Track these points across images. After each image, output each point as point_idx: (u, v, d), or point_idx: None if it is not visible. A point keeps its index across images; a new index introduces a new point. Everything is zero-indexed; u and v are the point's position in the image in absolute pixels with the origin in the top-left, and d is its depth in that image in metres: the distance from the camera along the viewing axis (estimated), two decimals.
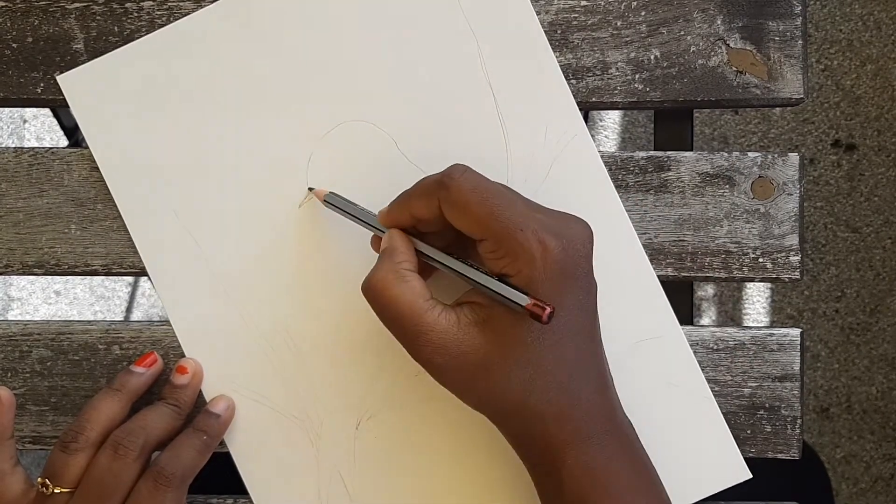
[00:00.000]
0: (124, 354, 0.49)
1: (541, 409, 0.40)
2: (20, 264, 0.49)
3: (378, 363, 0.48)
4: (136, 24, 0.49)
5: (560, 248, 0.39)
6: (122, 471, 0.42)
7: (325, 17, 0.48)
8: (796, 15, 0.49)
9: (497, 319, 0.39)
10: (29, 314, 1.25)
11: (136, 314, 1.26)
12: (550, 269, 0.38)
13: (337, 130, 0.48)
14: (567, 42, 0.49)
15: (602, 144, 1.25)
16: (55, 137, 1.26)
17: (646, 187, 0.49)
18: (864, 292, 1.23)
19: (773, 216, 0.49)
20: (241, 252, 0.48)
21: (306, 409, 0.48)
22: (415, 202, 0.41)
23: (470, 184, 0.39)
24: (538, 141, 0.48)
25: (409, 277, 0.40)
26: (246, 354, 0.48)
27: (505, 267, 0.39)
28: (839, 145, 1.25)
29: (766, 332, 0.49)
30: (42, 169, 0.49)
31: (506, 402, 0.40)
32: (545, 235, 0.38)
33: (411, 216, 0.42)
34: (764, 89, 0.49)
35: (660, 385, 0.48)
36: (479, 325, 0.40)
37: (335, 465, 0.48)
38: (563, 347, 0.40)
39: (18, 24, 0.49)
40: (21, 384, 0.49)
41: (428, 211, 0.41)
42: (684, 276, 0.49)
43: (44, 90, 0.49)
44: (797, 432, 0.48)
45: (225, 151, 0.48)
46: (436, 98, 0.48)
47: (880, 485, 1.22)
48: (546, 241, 0.38)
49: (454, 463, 0.48)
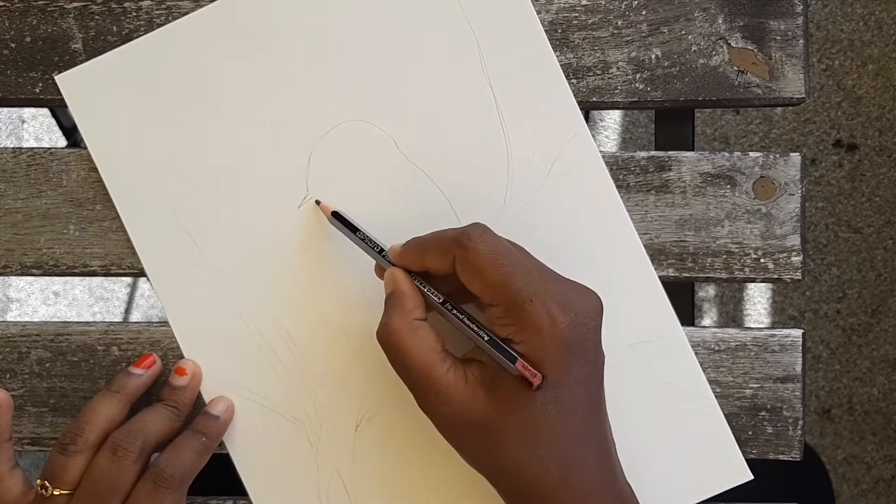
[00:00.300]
0: (123, 356, 0.49)
1: (540, 478, 0.39)
2: (19, 265, 0.49)
3: (378, 364, 0.47)
4: (135, 23, 0.49)
5: (568, 323, 0.39)
6: (121, 472, 0.42)
7: (324, 17, 0.48)
8: (798, 14, 0.49)
9: (502, 383, 0.39)
10: (28, 315, 1.25)
11: (134, 315, 1.25)
12: (557, 343, 0.38)
13: (337, 130, 0.48)
14: (567, 41, 0.49)
15: (603, 144, 1.25)
16: (54, 138, 1.26)
17: (647, 187, 0.49)
18: (866, 293, 1.23)
19: (774, 216, 0.48)
20: (240, 252, 0.48)
21: (306, 409, 0.48)
22: (430, 255, 0.41)
23: (487, 247, 0.40)
24: (538, 141, 0.48)
25: (420, 329, 0.41)
26: (245, 355, 0.48)
27: (511, 334, 0.39)
28: (841, 145, 1.24)
29: (768, 332, 0.49)
30: (40, 169, 0.49)
31: (504, 466, 0.40)
32: (555, 308, 0.39)
33: (423, 266, 0.42)
34: (765, 89, 0.49)
35: (661, 386, 0.48)
36: (485, 387, 0.40)
37: (335, 465, 0.47)
38: (566, 418, 0.39)
39: (17, 24, 0.49)
40: (20, 385, 0.49)
41: (442, 266, 0.41)
42: (685, 277, 0.49)
43: (42, 90, 0.49)
44: (799, 433, 0.48)
45: (224, 151, 0.48)
46: (436, 98, 0.48)
47: (882, 486, 1.22)
48: (555, 314, 0.38)
49: (453, 463, 0.47)
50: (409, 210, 0.48)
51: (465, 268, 0.40)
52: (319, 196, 0.48)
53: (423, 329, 0.41)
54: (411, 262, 0.42)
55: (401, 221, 0.47)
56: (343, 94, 0.48)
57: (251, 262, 0.48)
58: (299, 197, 0.48)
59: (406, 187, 0.48)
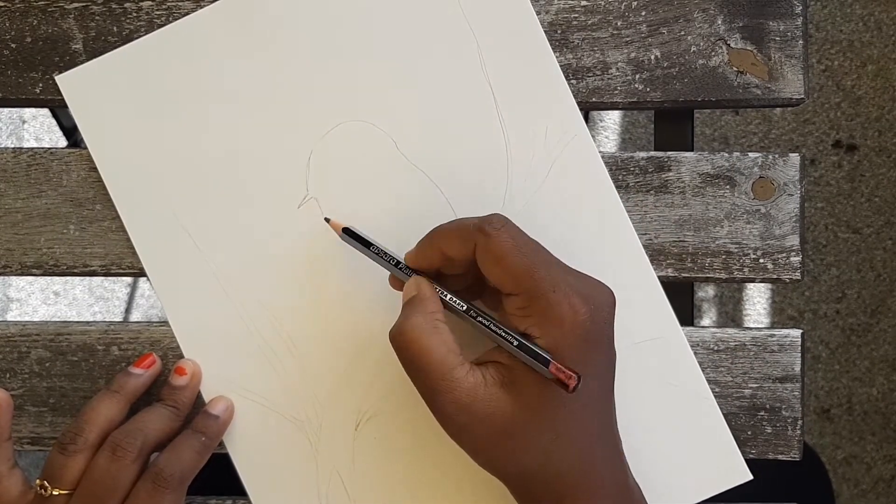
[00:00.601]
0: (123, 355, 0.49)
1: (558, 476, 0.39)
2: (19, 265, 0.49)
3: (378, 364, 0.47)
4: (135, 24, 0.49)
5: (588, 314, 0.38)
6: (120, 472, 0.42)
7: (324, 17, 0.48)
8: (797, 15, 0.49)
9: (522, 382, 0.39)
10: (28, 315, 1.25)
11: (134, 315, 1.25)
12: (577, 335, 0.38)
13: (337, 130, 0.48)
14: (567, 42, 0.49)
15: (602, 145, 1.25)
16: (54, 138, 1.26)
17: (646, 188, 0.49)
18: (865, 293, 1.23)
19: (773, 217, 0.48)
20: (240, 252, 0.48)
21: (305, 410, 0.48)
22: (450, 241, 0.40)
23: (510, 235, 0.39)
24: (538, 141, 0.48)
25: (442, 329, 0.40)
26: (245, 355, 0.48)
27: (531, 326, 0.39)
28: (840, 146, 1.24)
29: (767, 332, 0.49)
30: (41, 169, 0.49)
31: (524, 467, 0.39)
32: (576, 299, 0.38)
33: (442, 255, 0.41)
34: (764, 89, 0.49)
35: (660, 386, 0.48)
36: (504, 387, 0.39)
37: (334, 466, 0.48)
38: (585, 414, 0.39)
39: (17, 25, 0.49)
40: (19, 385, 0.49)
41: (461, 253, 0.40)
42: (685, 277, 0.49)
43: (42, 90, 0.49)
44: (798, 433, 0.48)
45: (224, 152, 0.48)
46: (436, 98, 0.48)
47: (881, 486, 1.22)
48: (576, 305, 0.38)
49: (453, 463, 0.47)
50: (408, 210, 0.48)
51: (487, 256, 0.39)
52: (319, 196, 0.48)
53: (444, 329, 0.40)
54: (429, 254, 0.41)
55: (401, 221, 0.47)
56: (343, 94, 0.48)
57: (251, 263, 0.48)
58: (299, 197, 0.48)
59: (406, 187, 0.48)
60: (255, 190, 0.48)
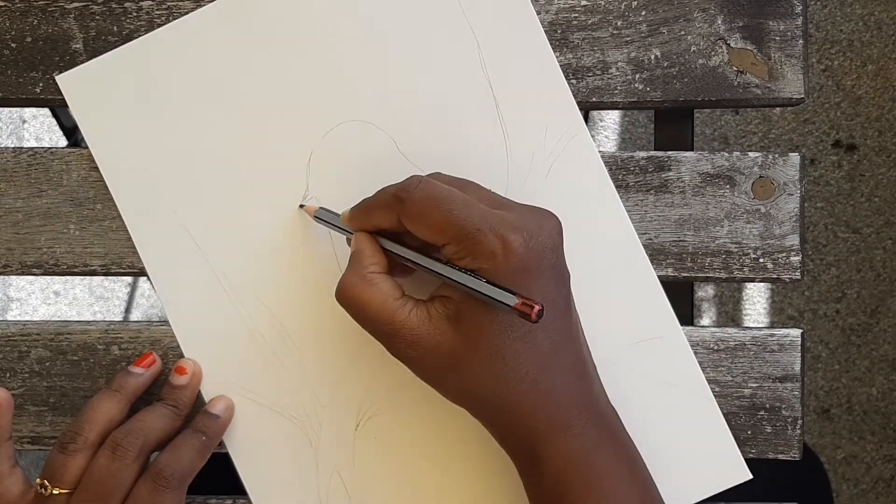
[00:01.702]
0: (123, 355, 0.49)
1: (514, 401, 0.40)
2: (19, 264, 0.49)
3: (378, 364, 0.47)
4: (136, 23, 0.49)
5: (521, 243, 0.39)
6: (120, 471, 0.42)
7: (324, 17, 0.48)
8: (797, 15, 0.49)
9: (467, 313, 0.40)
10: (28, 314, 1.25)
11: (135, 314, 1.25)
12: (513, 264, 0.39)
13: (337, 130, 0.48)
14: (567, 42, 0.49)
15: (602, 144, 1.25)
16: (54, 137, 1.26)
17: (646, 187, 0.49)
18: (865, 293, 1.23)
19: (773, 216, 0.48)
20: (240, 252, 0.48)
21: (305, 409, 0.48)
22: (375, 215, 0.42)
23: (424, 194, 0.40)
24: (538, 141, 0.48)
25: (377, 280, 0.41)
26: (245, 355, 0.48)
27: (468, 265, 0.40)
28: (840, 146, 1.24)
29: (767, 332, 0.49)
30: (41, 169, 0.49)
31: (479, 395, 0.41)
32: (505, 231, 0.39)
33: (374, 226, 0.43)
34: (764, 89, 0.49)
35: (660, 385, 0.48)
36: (449, 320, 0.40)
37: (334, 465, 0.48)
38: (533, 339, 0.40)
39: (17, 24, 0.49)
40: (20, 384, 0.49)
41: (389, 223, 0.42)
42: (684, 277, 0.49)
43: (43, 90, 0.49)
44: (798, 433, 0.48)
45: (224, 151, 0.48)
46: (436, 98, 0.48)
47: (881, 486, 1.22)
48: (507, 236, 0.39)
49: (453, 463, 0.47)
50: None
51: (409, 219, 0.40)
52: (320, 195, 0.48)
53: (379, 280, 0.41)
54: (362, 223, 0.43)
55: None
56: (343, 94, 0.48)
57: (251, 262, 0.48)
58: (299, 197, 0.48)
59: None
60: (256, 189, 0.48)
